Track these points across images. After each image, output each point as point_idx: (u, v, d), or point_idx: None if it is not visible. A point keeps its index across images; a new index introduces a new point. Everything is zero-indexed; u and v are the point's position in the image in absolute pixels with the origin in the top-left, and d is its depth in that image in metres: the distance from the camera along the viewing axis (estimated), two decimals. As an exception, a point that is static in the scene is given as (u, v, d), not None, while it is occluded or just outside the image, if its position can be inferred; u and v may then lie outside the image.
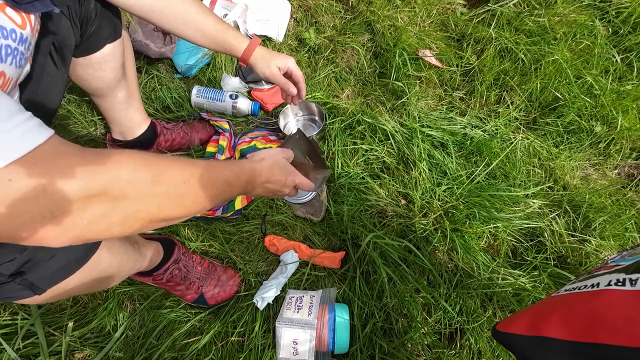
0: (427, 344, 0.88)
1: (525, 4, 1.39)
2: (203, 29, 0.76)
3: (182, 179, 0.46)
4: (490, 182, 1.08)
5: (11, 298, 0.53)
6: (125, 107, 0.98)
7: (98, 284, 0.64)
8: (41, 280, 0.52)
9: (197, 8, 0.74)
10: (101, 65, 0.84)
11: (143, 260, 0.78)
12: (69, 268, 0.55)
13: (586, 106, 1.20)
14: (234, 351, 0.89)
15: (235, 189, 0.58)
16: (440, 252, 0.98)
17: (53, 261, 0.52)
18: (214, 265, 0.96)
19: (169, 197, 0.45)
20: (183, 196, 0.46)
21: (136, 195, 0.41)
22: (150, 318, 0.93)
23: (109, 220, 0.39)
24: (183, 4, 0.73)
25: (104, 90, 0.90)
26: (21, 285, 0.50)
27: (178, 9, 0.73)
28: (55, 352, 0.88)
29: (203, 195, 0.49)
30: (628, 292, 0.35)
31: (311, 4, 1.44)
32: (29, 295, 0.53)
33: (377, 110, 1.21)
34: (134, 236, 0.75)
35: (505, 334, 0.44)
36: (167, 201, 0.44)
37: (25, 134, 0.34)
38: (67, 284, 0.56)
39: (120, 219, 0.40)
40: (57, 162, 0.36)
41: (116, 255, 0.65)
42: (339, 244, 1.02)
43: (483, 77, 1.25)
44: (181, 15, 0.73)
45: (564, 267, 0.98)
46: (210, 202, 0.51)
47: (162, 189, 0.44)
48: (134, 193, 0.41)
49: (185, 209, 0.48)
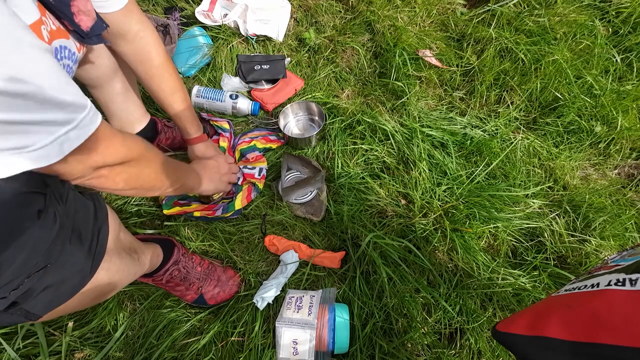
0: (427, 344, 0.88)
1: (525, 4, 1.39)
2: (167, 108, 0.93)
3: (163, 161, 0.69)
4: (490, 182, 1.08)
5: (7, 324, 0.53)
6: (123, 99, 0.98)
7: (96, 299, 0.64)
8: (35, 308, 0.51)
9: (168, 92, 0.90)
10: (98, 52, 0.84)
11: (142, 268, 0.78)
12: (65, 296, 0.54)
13: (586, 106, 1.20)
14: (234, 351, 0.89)
15: (186, 176, 0.81)
16: (440, 252, 0.98)
17: (48, 291, 0.51)
18: (214, 265, 0.96)
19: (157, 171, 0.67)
20: (163, 172, 0.69)
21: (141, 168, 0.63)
22: (150, 318, 0.93)
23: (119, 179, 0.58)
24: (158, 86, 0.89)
25: (101, 79, 0.90)
26: (16, 314, 0.50)
27: (151, 86, 0.89)
28: (55, 352, 0.88)
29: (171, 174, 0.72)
30: (628, 292, 0.35)
31: (311, 4, 1.45)
32: (24, 321, 0.52)
33: (377, 110, 1.21)
34: (133, 246, 0.74)
35: (505, 334, 0.45)
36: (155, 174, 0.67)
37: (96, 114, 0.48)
38: (63, 305, 0.55)
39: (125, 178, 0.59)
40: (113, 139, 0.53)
41: (115, 273, 0.64)
42: (339, 244, 1.02)
43: (483, 77, 1.25)
44: (153, 91, 0.90)
45: (564, 267, 0.98)
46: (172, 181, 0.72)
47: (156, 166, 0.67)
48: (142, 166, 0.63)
49: (161, 181, 0.69)
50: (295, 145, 1.17)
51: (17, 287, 0.47)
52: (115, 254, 0.64)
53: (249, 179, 1.06)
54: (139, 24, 0.80)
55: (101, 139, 0.50)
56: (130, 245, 0.73)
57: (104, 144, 0.51)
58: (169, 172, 0.71)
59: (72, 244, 0.53)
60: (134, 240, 0.76)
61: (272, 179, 1.13)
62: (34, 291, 0.49)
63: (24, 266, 0.46)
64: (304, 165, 1.12)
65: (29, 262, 0.47)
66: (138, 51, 0.83)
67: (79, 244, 0.54)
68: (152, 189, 0.69)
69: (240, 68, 1.29)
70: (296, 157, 1.12)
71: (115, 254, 0.64)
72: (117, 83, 0.94)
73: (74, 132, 0.44)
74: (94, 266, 0.57)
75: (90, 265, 0.56)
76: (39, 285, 0.49)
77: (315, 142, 1.17)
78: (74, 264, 0.53)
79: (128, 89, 0.98)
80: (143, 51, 0.83)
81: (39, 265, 0.48)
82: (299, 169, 1.13)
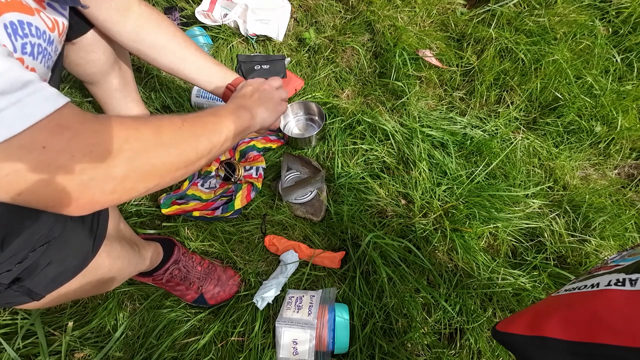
0: (427, 344, 0.88)
1: (525, 4, 1.39)
2: (201, 66, 0.80)
3: (177, 124, 0.51)
4: (490, 182, 1.08)
5: (10, 304, 0.53)
6: (121, 95, 0.98)
7: (98, 288, 0.64)
8: (39, 287, 0.52)
9: (195, 48, 0.80)
10: (92, 47, 0.83)
11: (143, 262, 0.78)
12: (67, 274, 0.55)
13: (586, 106, 1.20)
14: (234, 351, 0.89)
15: (225, 119, 0.61)
16: (440, 252, 0.98)
17: (51, 268, 0.51)
18: (214, 265, 0.96)
19: (174, 142, 0.49)
20: (185, 138, 0.51)
21: (145, 149, 0.45)
22: (150, 318, 0.93)
23: (131, 179, 0.44)
24: (184, 42, 0.78)
25: (97, 75, 0.90)
26: (19, 292, 0.50)
27: (177, 47, 0.77)
28: (55, 352, 0.88)
29: (200, 132, 0.54)
30: (628, 292, 0.35)
31: (311, 3, 1.44)
32: (27, 301, 0.52)
33: (377, 110, 1.21)
34: (134, 238, 0.75)
35: (505, 334, 0.45)
36: (173, 147, 0.49)
37: (54, 94, 0.38)
38: (66, 288, 0.55)
39: (139, 176, 0.44)
40: (83, 127, 0.39)
41: (116, 259, 0.64)
42: (339, 243, 1.02)
43: (483, 77, 1.25)
44: (181, 53, 0.78)
45: (564, 267, 0.98)
46: (208, 138, 0.55)
47: (166, 137, 0.48)
48: (144, 148, 0.45)
49: (192, 148, 0.52)
50: (295, 145, 1.17)
51: (21, 260, 0.47)
52: (116, 240, 0.65)
53: (247, 179, 1.06)
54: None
55: (58, 129, 0.37)
56: (131, 237, 0.74)
57: (66, 136, 0.37)
58: (198, 132, 0.54)
59: (74, 222, 0.53)
60: (134, 234, 0.77)
61: (272, 179, 1.13)
62: (38, 266, 0.49)
63: (29, 239, 0.47)
64: (304, 165, 1.12)
65: (34, 235, 0.47)
66: (149, 16, 0.76)
67: (80, 223, 0.54)
68: (187, 163, 0.52)
69: (240, 68, 1.29)
70: (296, 157, 1.12)
71: (116, 240, 0.65)
72: (114, 79, 0.93)
73: (9, 112, 0.33)
74: (96, 246, 0.57)
75: (91, 245, 0.56)
76: (43, 261, 0.50)
77: (315, 142, 1.17)
78: (76, 242, 0.54)
79: (126, 84, 0.97)
80: (152, 14, 0.76)
81: (43, 239, 0.48)
82: (299, 169, 1.13)
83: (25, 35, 0.47)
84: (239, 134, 0.64)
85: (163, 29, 0.76)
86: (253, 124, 0.68)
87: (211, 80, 0.82)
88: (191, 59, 0.79)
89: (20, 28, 0.46)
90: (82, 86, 1.06)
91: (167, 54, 0.77)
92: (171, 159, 0.49)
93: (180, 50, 0.78)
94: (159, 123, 0.49)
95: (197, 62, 0.80)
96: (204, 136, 0.55)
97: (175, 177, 0.51)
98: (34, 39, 0.49)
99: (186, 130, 0.52)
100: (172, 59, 0.78)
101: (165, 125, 0.49)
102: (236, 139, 0.63)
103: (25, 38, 0.47)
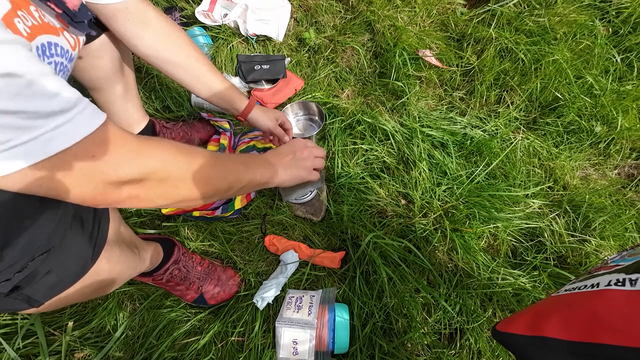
0: (427, 344, 0.88)
1: (525, 4, 1.39)
2: (211, 85, 0.85)
3: (210, 161, 0.58)
4: (490, 182, 1.08)
5: (8, 310, 0.53)
6: (123, 101, 0.98)
7: (97, 292, 0.64)
8: (38, 294, 0.51)
9: (208, 67, 0.84)
10: (99, 53, 0.83)
11: (143, 264, 0.78)
12: (66, 282, 0.54)
13: (586, 106, 1.20)
14: (234, 351, 0.89)
15: (252, 170, 0.69)
16: (440, 252, 0.98)
17: (50, 276, 0.51)
18: (214, 265, 0.96)
19: (201, 176, 0.56)
20: (211, 176, 0.58)
21: (177, 176, 0.53)
22: (150, 318, 0.93)
23: (155, 195, 0.51)
24: (197, 62, 0.82)
25: (102, 81, 0.90)
26: (18, 299, 0.50)
27: (192, 65, 0.82)
28: (55, 352, 0.88)
29: (225, 174, 0.62)
30: (628, 292, 0.35)
31: (311, 3, 1.45)
32: (26, 308, 0.52)
33: (377, 110, 1.21)
34: (134, 240, 0.74)
35: (505, 334, 0.44)
36: (199, 180, 0.55)
37: (96, 112, 0.43)
38: (64, 294, 0.55)
39: (161, 194, 0.52)
40: (125, 142, 0.46)
41: (116, 264, 0.64)
42: (339, 243, 1.02)
43: (483, 77, 1.25)
44: (194, 70, 0.82)
45: (564, 267, 0.98)
46: (229, 181, 0.63)
47: (196, 168, 0.55)
48: (176, 174, 0.52)
49: (213, 186, 0.58)
50: (295, 145, 1.17)
51: (21, 269, 0.47)
52: (115, 244, 0.64)
53: None
54: (154, 9, 0.77)
55: (106, 143, 0.44)
56: (130, 239, 0.73)
57: (111, 150, 0.44)
58: (225, 172, 0.62)
59: (74, 230, 0.53)
60: (134, 235, 0.77)
61: (272, 179, 1.12)
62: (37, 275, 0.49)
63: (28, 249, 0.47)
64: None
65: (33, 244, 0.47)
66: (168, 32, 0.78)
67: (80, 231, 0.54)
68: (205, 196, 0.58)
69: (240, 68, 1.29)
70: None
71: (115, 244, 0.64)
72: (117, 85, 0.93)
73: (62, 129, 0.38)
74: (95, 253, 0.57)
75: (91, 253, 0.56)
76: (42, 269, 0.50)
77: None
78: (76, 250, 0.54)
79: (128, 90, 0.97)
80: (171, 30, 0.79)
81: (42, 248, 0.48)
82: None
83: (52, 55, 0.51)
84: (256, 186, 0.72)
85: (180, 46, 0.80)
86: (271, 182, 0.76)
87: (219, 103, 0.89)
88: (203, 79, 0.84)
89: (48, 48, 0.51)
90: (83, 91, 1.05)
91: (182, 70, 0.82)
92: (193, 190, 0.55)
93: (194, 69, 0.83)
94: (195, 155, 0.56)
95: (208, 82, 0.85)
96: (227, 179, 0.62)
97: (190, 204, 0.58)
98: (59, 58, 0.53)
99: (216, 168, 0.59)
100: (185, 76, 0.83)
101: (199, 158, 0.56)
102: (253, 188, 0.72)
103: (51, 57, 0.51)
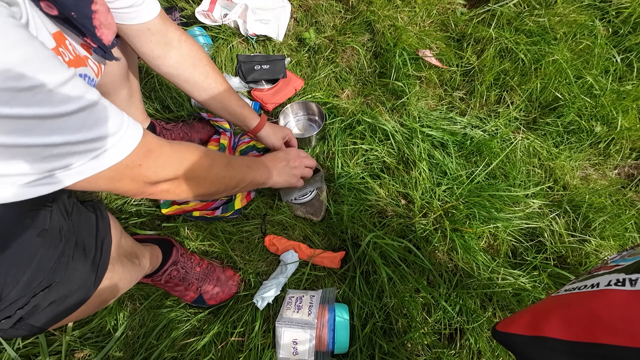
0: (427, 344, 0.88)
1: (525, 4, 1.39)
2: (226, 104, 0.90)
3: (223, 163, 0.70)
4: (490, 182, 1.08)
5: (11, 337, 0.53)
6: (126, 105, 0.98)
7: (99, 307, 0.64)
8: (40, 322, 0.51)
9: (225, 87, 0.89)
10: (108, 61, 0.83)
11: (144, 271, 0.78)
12: (69, 309, 0.54)
13: (586, 106, 1.20)
14: (234, 351, 0.89)
15: (253, 172, 0.79)
16: (440, 252, 0.98)
17: (53, 306, 0.51)
18: (213, 265, 0.96)
19: (217, 176, 0.67)
20: (224, 176, 0.70)
21: (200, 175, 0.62)
22: (150, 318, 0.93)
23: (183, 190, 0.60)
24: (215, 83, 0.86)
25: (108, 86, 0.90)
26: (21, 329, 0.50)
27: (209, 85, 0.86)
28: (55, 352, 0.88)
29: (234, 174, 0.72)
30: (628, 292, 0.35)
31: (311, 3, 1.45)
32: (28, 335, 0.53)
33: (377, 110, 1.21)
34: (134, 250, 0.74)
35: (505, 334, 0.44)
36: (215, 179, 0.67)
37: (135, 126, 0.48)
38: (67, 317, 0.55)
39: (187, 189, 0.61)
40: (162, 149, 0.53)
41: (118, 281, 0.64)
42: (339, 243, 1.02)
43: (483, 77, 1.25)
44: (211, 90, 0.87)
45: (564, 267, 0.98)
46: (237, 180, 0.73)
47: (215, 169, 0.66)
48: (199, 174, 0.62)
49: (224, 183, 0.70)
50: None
51: (22, 306, 0.47)
52: (117, 262, 0.64)
53: None
54: (176, 29, 0.79)
55: (148, 154, 0.50)
56: (131, 250, 0.73)
57: (152, 157, 0.51)
58: (234, 172, 0.72)
59: (76, 260, 0.52)
60: (134, 244, 0.76)
61: (272, 179, 1.13)
62: (39, 307, 0.49)
63: (29, 285, 0.47)
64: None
65: (34, 281, 0.47)
66: (189, 54, 0.81)
67: (83, 259, 0.54)
68: (218, 192, 0.70)
69: (240, 68, 1.29)
70: None
71: (117, 262, 0.64)
72: (123, 89, 0.94)
73: (116, 148, 0.45)
74: (98, 278, 0.57)
75: (94, 278, 0.56)
76: (44, 302, 0.50)
77: (315, 142, 1.17)
78: (78, 279, 0.53)
79: (132, 94, 0.98)
80: (192, 52, 0.81)
81: (44, 284, 0.48)
82: None
83: None
84: (255, 185, 0.83)
85: (200, 67, 0.83)
86: (267, 183, 0.86)
87: (232, 119, 0.94)
88: (219, 98, 0.88)
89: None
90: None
91: (201, 90, 0.86)
92: (210, 186, 0.67)
93: (212, 89, 0.87)
94: (214, 158, 0.66)
95: (223, 101, 0.89)
96: (235, 178, 0.73)
97: (203, 198, 0.71)
98: None
99: (228, 169, 0.71)
100: (202, 94, 0.87)
101: (217, 161, 0.67)
102: (252, 187, 0.82)
103: None
